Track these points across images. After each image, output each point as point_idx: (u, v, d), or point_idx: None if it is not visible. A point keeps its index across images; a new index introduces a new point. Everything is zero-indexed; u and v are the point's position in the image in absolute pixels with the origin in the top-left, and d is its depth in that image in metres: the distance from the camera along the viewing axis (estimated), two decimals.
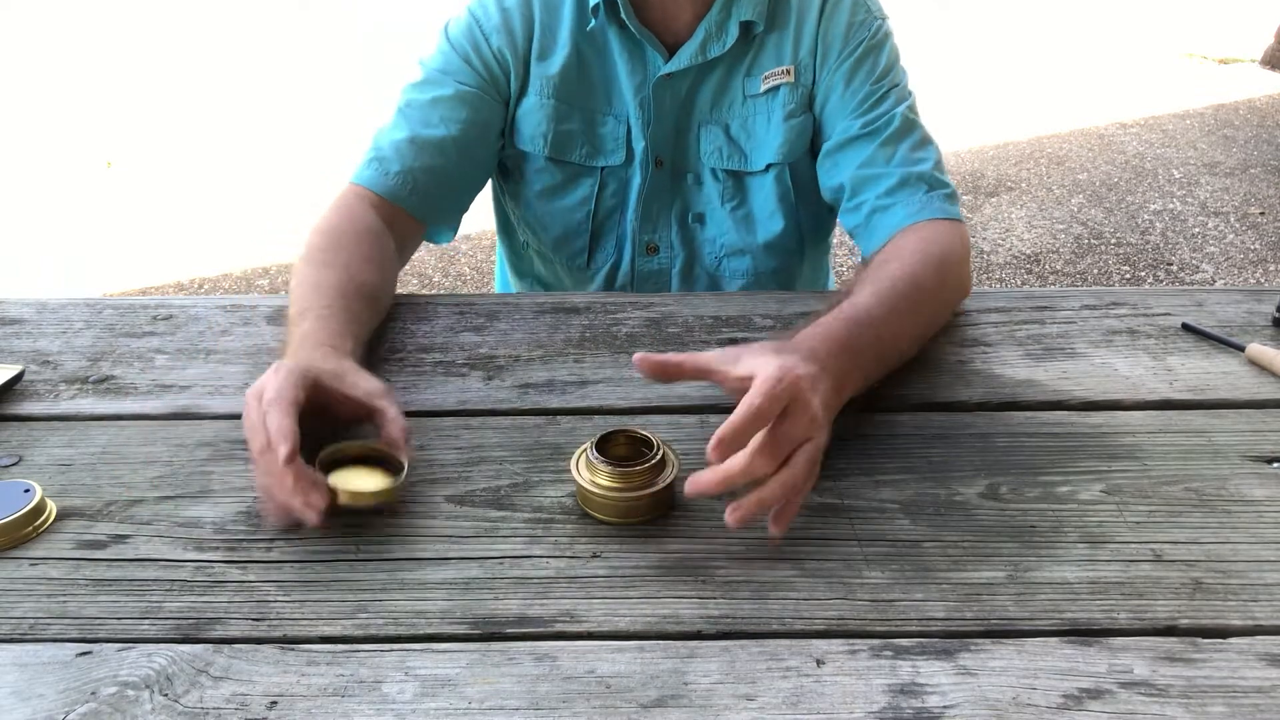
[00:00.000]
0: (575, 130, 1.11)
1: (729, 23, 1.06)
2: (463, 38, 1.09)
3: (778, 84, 1.09)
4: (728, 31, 1.06)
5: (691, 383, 0.88)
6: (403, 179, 1.04)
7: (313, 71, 5.62)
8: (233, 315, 1.02)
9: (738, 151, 1.11)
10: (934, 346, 0.95)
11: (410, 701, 0.57)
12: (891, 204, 1.01)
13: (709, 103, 1.10)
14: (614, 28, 1.07)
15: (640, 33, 1.06)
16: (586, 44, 1.09)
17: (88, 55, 5.99)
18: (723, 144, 1.11)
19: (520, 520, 0.72)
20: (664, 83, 1.08)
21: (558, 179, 1.13)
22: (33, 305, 1.04)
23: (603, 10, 1.06)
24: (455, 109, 1.06)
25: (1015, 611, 0.63)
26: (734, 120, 1.11)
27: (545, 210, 1.15)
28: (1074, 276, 3.15)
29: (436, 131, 1.06)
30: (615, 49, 1.08)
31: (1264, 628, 0.62)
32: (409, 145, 1.05)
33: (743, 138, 1.11)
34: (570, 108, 1.10)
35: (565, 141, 1.11)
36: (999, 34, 6.32)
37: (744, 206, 1.14)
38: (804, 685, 0.58)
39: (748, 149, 1.11)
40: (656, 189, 1.13)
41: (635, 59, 1.08)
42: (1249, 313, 1.01)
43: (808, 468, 0.67)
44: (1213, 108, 4.80)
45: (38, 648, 0.61)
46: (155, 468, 0.78)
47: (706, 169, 1.13)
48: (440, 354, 0.94)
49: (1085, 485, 0.75)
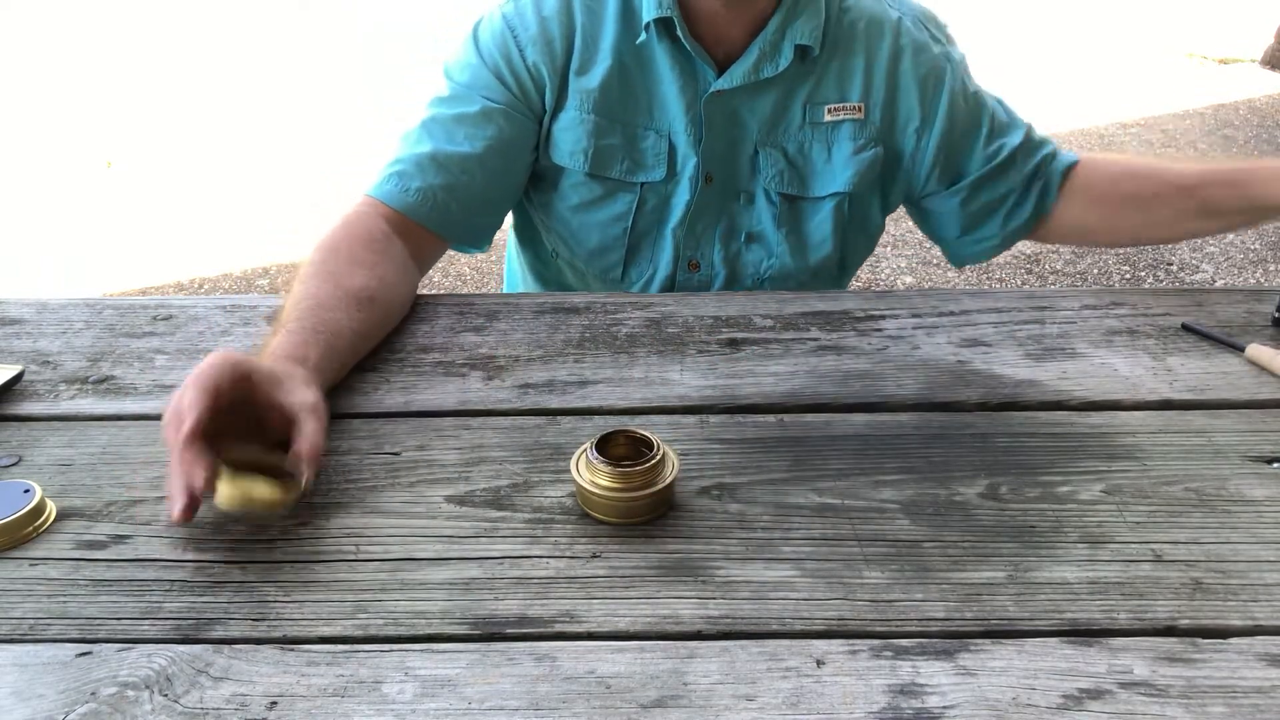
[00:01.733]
0: (616, 145, 1.08)
1: (783, 44, 1.05)
2: (494, 48, 1.05)
3: (844, 118, 1.09)
4: (782, 53, 1.05)
5: (692, 382, 0.89)
6: (422, 196, 1.02)
7: (313, 71, 5.62)
8: (233, 315, 1.02)
9: (797, 176, 1.11)
10: (934, 346, 0.95)
11: (410, 702, 0.57)
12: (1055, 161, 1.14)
13: (767, 124, 1.09)
14: (664, 42, 1.05)
15: (694, 48, 1.04)
16: (630, 57, 1.06)
17: (88, 55, 5.99)
18: (784, 167, 1.10)
19: (520, 520, 0.72)
20: (715, 99, 1.06)
21: (596, 194, 1.10)
22: (33, 305, 1.04)
23: (655, 28, 1.04)
24: (481, 126, 1.04)
25: (1015, 612, 0.63)
26: (790, 144, 1.10)
27: (580, 223, 1.13)
28: (1074, 277, 3.15)
29: (461, 148, 1.03)
30: (663, 63, 1.06)
31: (1264, 628, 0.62)
32: (431, 161, 1.02)
33: (800, 162, 1.10)
34: (611, 122, 1.07)
35: (606, 157, 1.08)
36: (999, 34, 6.31)
37: (797, 232, 1.13)
38: (804, 685, 0.58)
39: (805, 174, 1.11)
40: (704, 205, 1.11)
41: (686, 74, 1.06)
42: (1249, 313, 1.01)
43: None
44: (1213, 108, 4.80)
45: (37, 648, 0.61)
46: (155, 468, 0.78)
47: (760, 190, 1.11)
48: (440, 354, 0.94)
49: (1085, 485, 0.75)
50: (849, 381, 0.89)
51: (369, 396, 0.87)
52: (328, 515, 0.72)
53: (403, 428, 0.83)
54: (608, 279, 1.17)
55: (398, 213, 1.01)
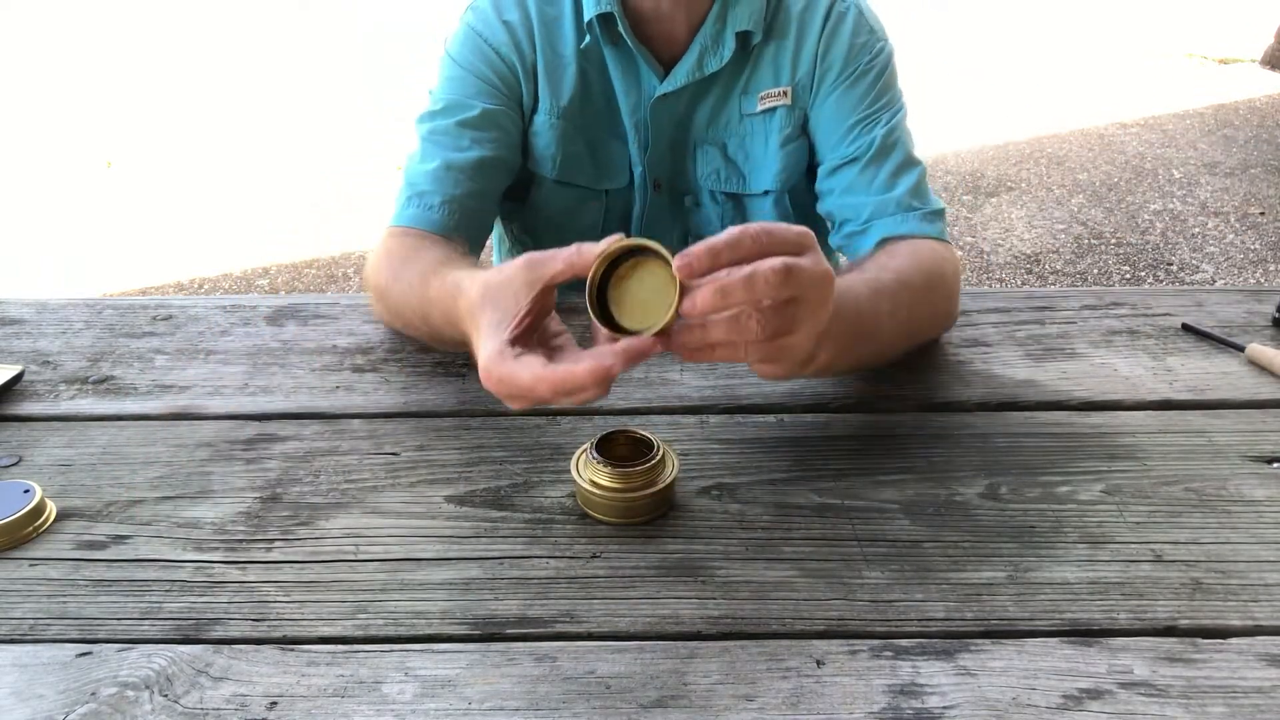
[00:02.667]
0: (581, 152, 1.06)
1: (725, 34, 1.01)
2: (472, 56, 1.03)
3: (774, 105, 1.04)
4: (724, 44, 1.01)
5: (692, 383, 0.89)
6: (448, 209, 0.97)
7: (313, 71, 5.62)
8: (232, 315, 1.02)
9: (736, 173, 1.08)
10: (934, 346, 0.95)
11: (410, 702, 0.57)
12: (867, 229, 0.98)
13: (705, 121, 1.06)
14: (609, 46, 1.02)
15: (637, 49, 1.01)
16: (587, 62, 1.04)
17: (88, 55, 5.99)
18: (720, 165, 1.07)
19: (520, 520, 0.72)
20: (662, 103, 1.04)
21: (568, 202, 1.09)
22: (33, 305, 1.04)
23: (598, 26, 1.01)
24: (483, 129, 1.01)
25: (1015, 612, 0.63)
26: (731, 140, 1.06)
27: (556, 235, 1.10)
28: (1074, 276, 3.15)
29: (471, 154, 1.00)
30: (614, 67, 1.04)
31: (1264, 628, 0.62)
32: (446, 173, 0.98)
33: (740, 158, 1.07)
34: (575, 129, 1.05)
35: (573, 164, 1.07)
36: (999, 34, 6.31)
37: None
38: (804, 686, 0.58)
39: (746, 170, 1.08)
40: (657, 213, 1.10)
41: (630, 78, 1.04)
42: (1249, 313, 1.01)
43: (777, 276, 0.60)
44: (1213, 108, 4.80)
45: (37, 648, 0.61)
46: (155, 468, 0.78)
47: (705, 191, 1.09)
48: (440, 354, 0.94)
49: (1085, 485, 0.75)
50: (849, 381, 0.89)
51: (369, 396, 0.87)
52: (328, 515, 0.72)
53: (403, 428, 0.83)
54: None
55: (426, 234, 0.96)
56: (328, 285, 3.12)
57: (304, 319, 1.01)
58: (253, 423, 0.84)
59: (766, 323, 0.62)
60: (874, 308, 0.79)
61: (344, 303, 1.05)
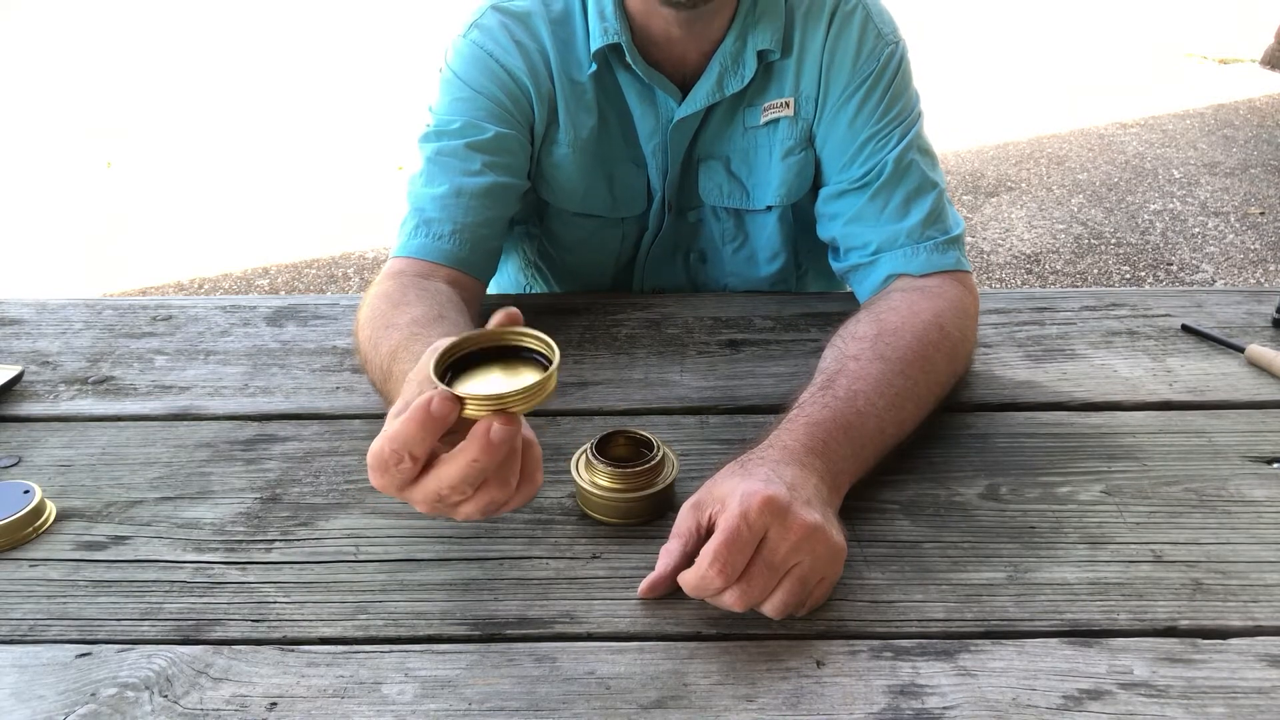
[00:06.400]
0: (600, 183, 1.02)
1: (745, 53, 0.96)
2: (481, 77, 0.95)
3: (777, 117, 0.99)
4: (744, 63, 0.96)
5: (691, 383, 0.89)
6: (458, 239, 0.91)
7: (312, 71, 5.62)
8: (232, 315, 1.02)
9: (739, 188, 1.04)
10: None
11: (410, 703, 0.57)
12: (875, 261, 0.93)
13: (711, 136, 1.01)
14: (622, 72, 0.98)
15: (649, 75, 0.96)
16: (601, 88, 0.99)
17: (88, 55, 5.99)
18: (723, 181, 1.03)
19: (520, 521, 0.72)
20: (681, 127, 0.99)
21: (584, 233, 1.06)
22: (33, 305, 1.04)
23: (607, 55, 0.96)
24: (495, 153, 0.94)
25: (1015, 612, 0.63)
26: (734, 154, 1.02)
27: (572, 261, 1.10)
28: (1074, 277, 3.15)
29: (483, 179, 0.93)
30: (630, 93, 0.99)
31: (1264, 628, 0.62)
32: (456, 199, 0.92)
33: (744, 173, 1.03)
34: (594, 160, 1.01)
35: (594, 196, 1.03)
36: (999, 34, 6.32)
37: (746, 246, 1.08)
38: (804, 686, 0.58)
39: (749, 185, 1.03)
40: (666, 234, 1.07)
41: (647, 103, 0.99)
42: (1249, 313, 1.01)
43: (795, 590, 0.61)
44: (1213, 108, 4.80)
45: (37, 649, 0.61)
46: (155, 468, 0.78)
47: (707, 207, 1.06)
48: None
49: (1085, 486, 0.75)
50: None
51: (369, 397, 0.87)
52: (328, 515, 0.72)
53: None
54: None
55: (438, 265, 0.90)
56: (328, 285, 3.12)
57: (304, 319, 1.01)
58: (252, 423, 0.84)
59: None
60: (870, 423, 0.73)
61: (344, 303, 1.05)
